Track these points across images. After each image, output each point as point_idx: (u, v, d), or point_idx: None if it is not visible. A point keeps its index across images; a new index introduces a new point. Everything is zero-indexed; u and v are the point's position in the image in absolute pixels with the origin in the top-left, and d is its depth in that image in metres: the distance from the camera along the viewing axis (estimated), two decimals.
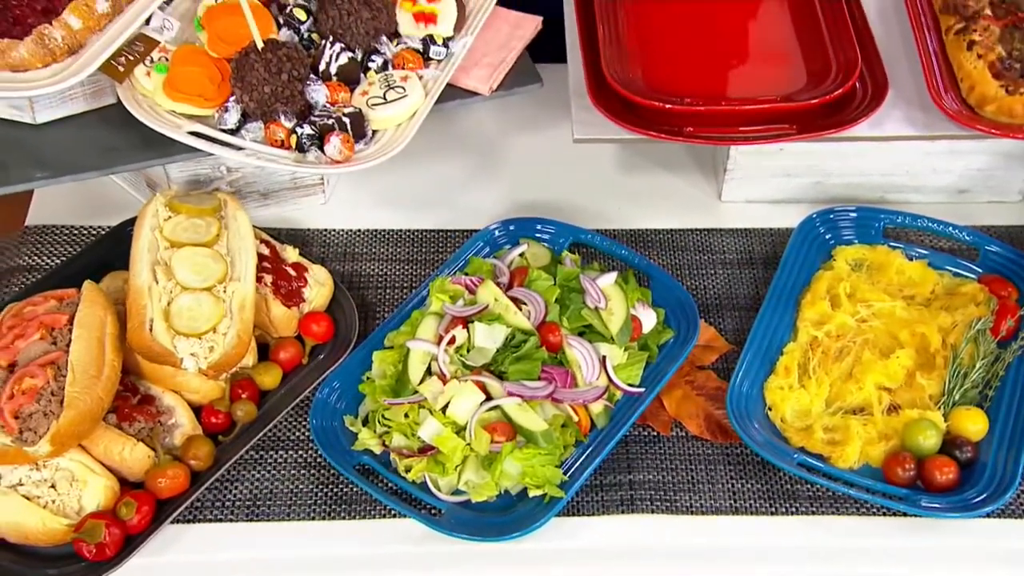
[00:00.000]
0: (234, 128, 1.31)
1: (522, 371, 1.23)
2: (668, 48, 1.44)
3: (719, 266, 1.45)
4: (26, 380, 1.10)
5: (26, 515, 1.08)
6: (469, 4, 1.47)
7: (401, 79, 1.36)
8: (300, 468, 1.23)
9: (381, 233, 1.47)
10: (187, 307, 1.21)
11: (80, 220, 1.46)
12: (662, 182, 1.55)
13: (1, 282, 1.38)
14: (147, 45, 1.34)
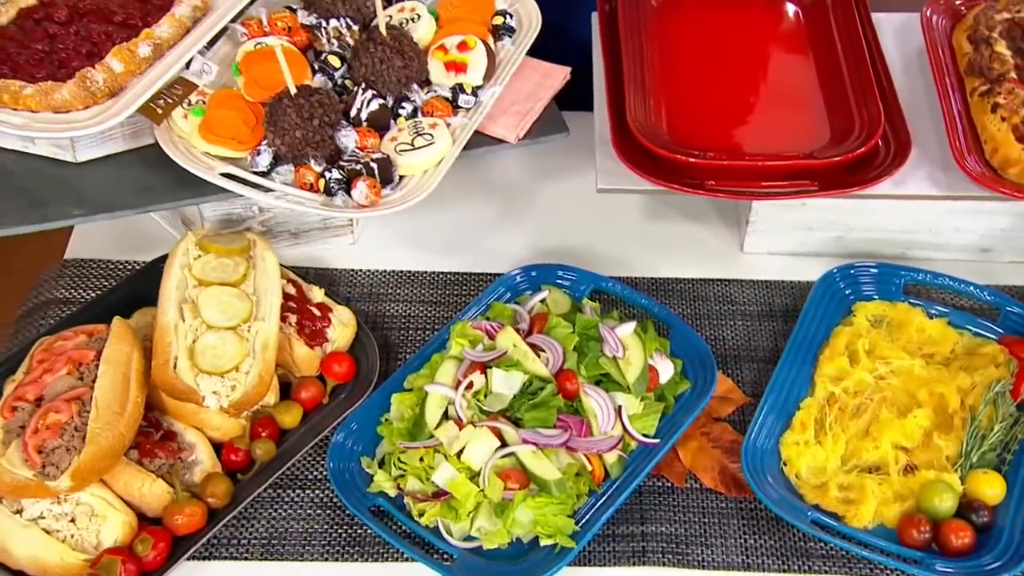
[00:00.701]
0: (265, 170, 1.30)
1: (538, 418, 1.20)
2: (693, 101, 1.41)
3: (739, 317, 1.41)
4: (51, 415, 1.09)
5: (45, 549, 1.06)
6: (499, 54, 1.45)
7: (430, 126, 1.34)
8: (316, 508, 1.20)
9: (407, 274, 1.45)
10: (211, 345, 1.19)
11: (117, 254, 1.45)
12: (685, 231, 1.52)
13: (38, 314, 1.38)
14: (186, 88, 1.33)
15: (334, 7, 1.44)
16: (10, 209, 1.27)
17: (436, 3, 1.50)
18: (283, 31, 1.43)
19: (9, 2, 1.38)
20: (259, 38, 1.41)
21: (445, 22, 1.47)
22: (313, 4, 1.45)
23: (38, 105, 1.26)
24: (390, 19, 1.45)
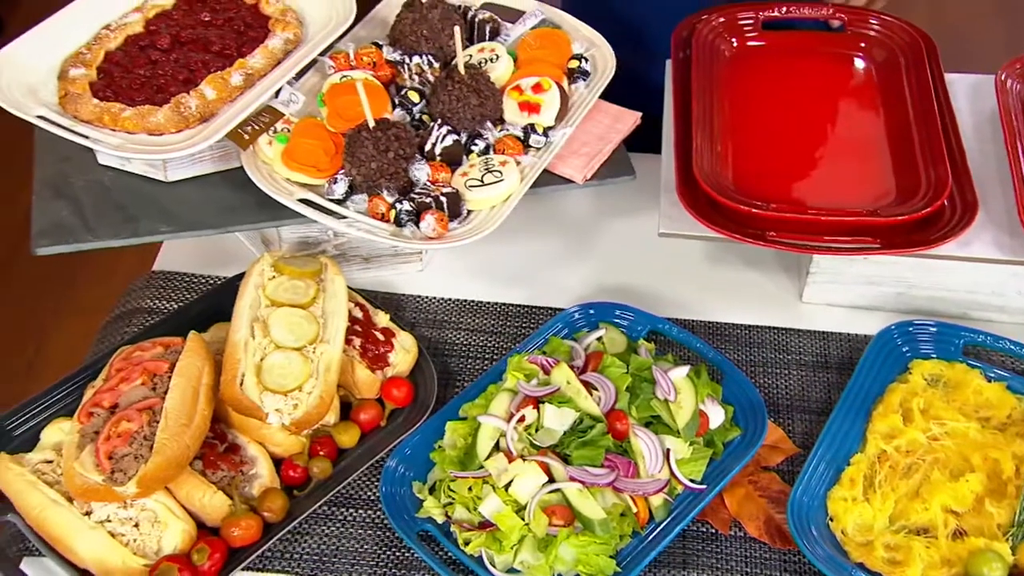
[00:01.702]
0: (341, 198, 1.29)
1: (586, 456, 1.16)
2: (760, 151, 1.36)
3: (794, 367, 1.35)
4: (123, 423, 1.09)
5: (110, 552, 1.06)
6: (572, 96, 1.42)
7: (500, 164, 1.31)
8: (367, 528, 1.18)
9: (470, 303, 1.42)
10: (277, 364, 1.18)
11: (201, 269, 1.46)
12: (744, 277, 1.46)
13: (124, 321, 1.39)
14: (272, 116, 1.33)
15: (418, 45, 1.43)
16: (105, 223, 1.28)
17: (515, 44, 1.48)
18: (368, 65, 1.42)
19: (119, 29, 1.40)
20: (345, 71, 1.41)
21: (523, 63, 1.44)
22: (398, 41, 1.44)
23: (135, 127, 1.27)
24: (470, 58, 1.43)
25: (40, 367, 2.54)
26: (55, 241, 1.26)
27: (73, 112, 1.29)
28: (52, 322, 2.65)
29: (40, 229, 1.27)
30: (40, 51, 1.34)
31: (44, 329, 2.64)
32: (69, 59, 1.35)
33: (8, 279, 2.75)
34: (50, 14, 1.37)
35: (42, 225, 1.27)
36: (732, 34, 1.48)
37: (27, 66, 1.32)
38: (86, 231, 1.27)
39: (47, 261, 1.44)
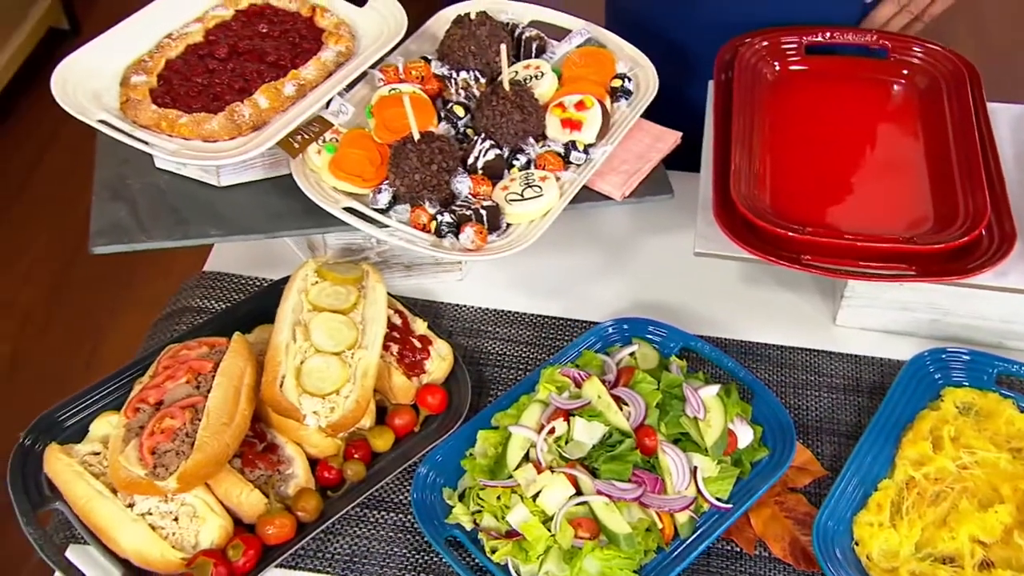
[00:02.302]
0: (384, 208, 1.28)
1: (614, 471, 1.14)
2: (798, 174, 1.33)
3: (824, 389, 1.32)
4: (166, 420, 1.09)
5: (149, 544, 1.07)
6: (614, 115, 1.40)
7: (540, 179, 1.30)
8: (398, 531, 1.17)
9: (507, 314, 1.41)
10: (316, 368, 1.18)
11: (250, 270, 1.46)
12: (779, 298, 1.43)
13: (174, 319, 1.40)
14: (322, 126, 1.33)
15: (465, 60, 1.42)
16: (159, 224, 1.29)
17: (561, 62, 1.47)
18: (416, 79, 1.42)
19: (181, 38, 1.41)
20: (394, 84, 1.40)
21: (567, 81, 1.43)
22: (446, 56, 1.44)
23: (190, 133, 1.28)
24: (515, 74, 1.42)
25: (97, 364, 2.58)
26: (111, 241, 1.27)
27: (133, 117, 1.30)
28: (109, 320, 2.69)
29: (98, 229, 1.28)
30: (105, 58, 1.36)
31: (102, 326, 2.68)
32: (132, 66, 1.36)
33: (69, 279, 2.80)
34: (121, 20, 1.39)
35: (100, 225, 1.28)
36: (775, 58, 1.45)
37: (92, 72, 1.34)
38: (141, 232, 1.28)
39: (106, 260, 1.46)
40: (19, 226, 2.93)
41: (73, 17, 3.50)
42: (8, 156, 3.08)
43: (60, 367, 2.59)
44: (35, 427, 1.17)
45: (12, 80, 3.10)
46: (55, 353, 2.62)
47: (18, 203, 2.98)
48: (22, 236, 2.90)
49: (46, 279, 2.80)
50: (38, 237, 2.90)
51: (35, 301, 2.74)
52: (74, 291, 2.74)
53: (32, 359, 2.61)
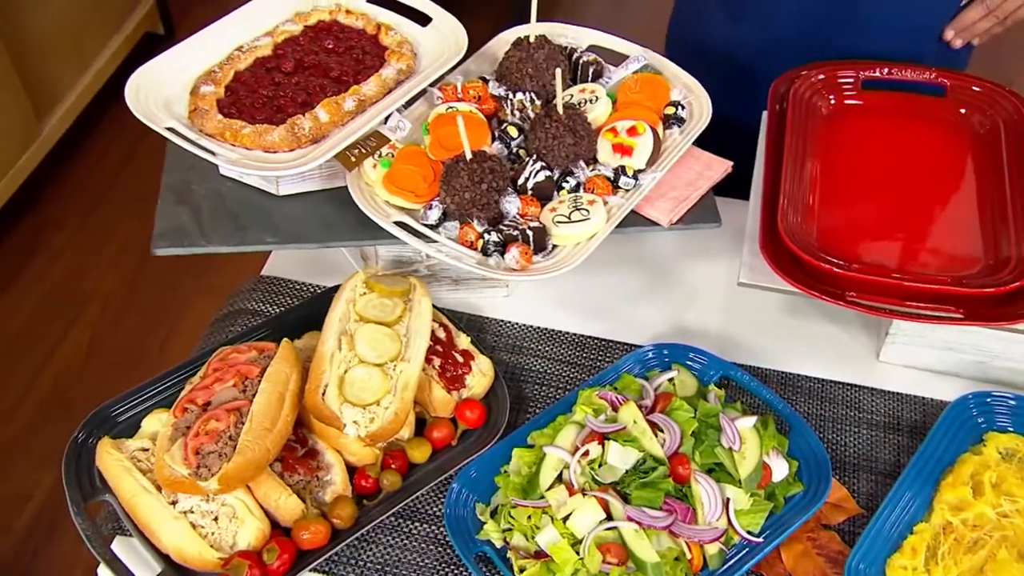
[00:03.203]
0: (434, 224, 1.25)
1: (645, 497, 1.09)
2: (847, 209, 1.26)
3: (864, 426, 1.25)
4: (211, 422, 1.07)
5: (189, 541, 1.05)
6: (666, 141, 1.35)
7: (588, 202, 1.25)
8: (430, 543, 1.14)
9: (549, 332, 1.37)
10: (359, 378, 1.15)
11: (304, 277, 1.44)
12: (822, 331, 1.36)
13: (229, 320, 1.38)
14: (379, 141, 1.31)
15: (522, 82, 1.38)
16: (218, 230, 1.28)
17: (616, 87, 1.41)
18: (474, 99, 1.38)
19: (250, 51, 1.39)
20: (452, 102, 1.37)
21: (621, 106, 1.38)
22: (504, 77, 1.40)
23: (252, 144, 1.26)
24: (571, 98, 1.38)
25: (169, 352, 2.60)
26: (172, 244, 1.26)
27: (199, 126, 1.28)
28: (183, 309, 2.70)
29: (160, 231, 1.27)
30: (177, 68, 1.35)
31: (175, 316, 2.69)
32: (202, 76, 1.35)
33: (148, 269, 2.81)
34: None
35: (162, 228, 1.27)
36: (830, 91, 1.38)
37: (164, 81, 1.33)
38: (200, 236, 1.27)
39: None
40: (108, 218, 2.98)
41: (169, 23, 3.55)
42: (103, 151, 3.14)
43: (134, 354, 2.61)
44: (90, 421, 1.16)
45: (109, 80, 3.15)
46: (130, 340, 2.65)
47: (109, 196, 3.03)
48: (110, 227, 2.94)
49: (127, 269, 2.83)
50: (124, 228, 2.94)
51: (115, 290, 2.77)
52: (151, 281, 2.77)
53: (108, 346, 2.64)
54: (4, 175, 2.77)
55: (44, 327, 2.67)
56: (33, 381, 2.56)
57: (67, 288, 2.77)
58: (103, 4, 3.20)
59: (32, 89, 2.83)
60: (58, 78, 2.98)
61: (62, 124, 2.99)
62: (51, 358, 2.61)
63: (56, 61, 2.96)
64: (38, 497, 2.29)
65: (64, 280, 2.80)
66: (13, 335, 2.66)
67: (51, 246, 2.88)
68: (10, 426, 2.44)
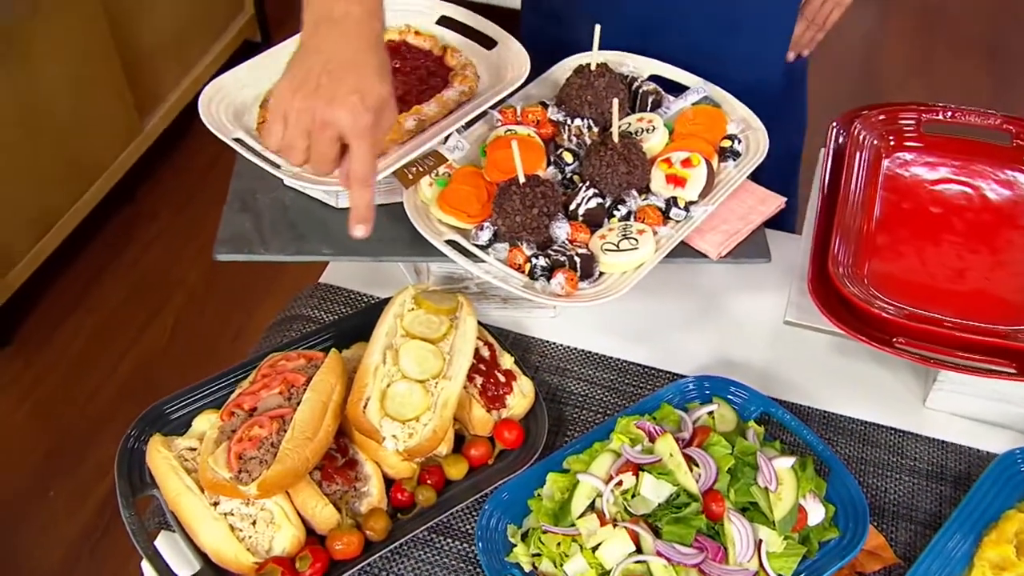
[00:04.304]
0: (484, 245, 1.19)
1: (676, 533, 1.01)
2: (901, 255, 1.17)
3: (906, 472, 1.15)
4: (255, 428, 1.03)
5: (226, 543, 1.01)
6: (720, 174, 1.27)
7: (638, 231, 1.18)
8: (460, 560, 1.08)
9: (593, 355, 1.30)
10: (400, 393, 1.09)
11: (359, 286, 1.40)
12: (868, 372, 1.26)
13: (286, 325, 1.35)
14: (437, 160, 1.25)
15: (581, 108, 1.31)
16: (277, 238, 1.24)
17: (674, 118, 1.34)
18: (532, 122, 1.32)
19: None
20: (511, 125, 1.31)
21: (678, 137, 1.30)
22: (564, 103, 1.33)
23: None
24: (628, 126, 1.31)
25: (241, 343, 2.59)
26: (233, 250, 1.23)
27: None
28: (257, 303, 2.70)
29: (223, 237, 1.24)
30: (250, 80, 1.32)
31: (249, 308, 2.69)
32: (271, 90, 1.32)
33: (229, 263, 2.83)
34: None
35: (225, 234, 1.24)
36: (891, 132, 1.28)
37: (237, 93, 1.30)
38: (260, 244, 1.23)
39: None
40: (197, 213, 3.00)
41: (266, 31, 3.57)
42: (197, 151, 3.16)
43: (209, 342, 2.62)
44: (144, 418, 1.13)
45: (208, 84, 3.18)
46: (207, 329, 2.66)
47: (199, 193, 3.05)
48: (198, 222, 2.96)
49: (210, 262, 2.84)
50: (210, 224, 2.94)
51: (198, 281, 2.78)
52: (230, 276, 2.77)
53: (188, 332, 2.65)
54: (106, 169, 2.81)
55: (133, 311, 2.70)
56: (120, 360, 2.58)
57: (156, 276, 2.80)
58: (207, 13, 3.23)
59: (137, 90, 2.87)
60: (161, 80, 3.02)
61: (162, 123, 3.02)
62: (138, 340, 2.64)
63: (161, 64, 3.00)
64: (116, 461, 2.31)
65: (153, 268, 2.82)
66: (107, 316, 2.69)
67: (144, 237, 2.91)
68: (96, 402, 2.47)
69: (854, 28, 3.75)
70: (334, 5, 0.99)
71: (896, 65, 3.63)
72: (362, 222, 1.02)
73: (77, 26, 2.58)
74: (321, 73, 0.96)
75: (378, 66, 0.99)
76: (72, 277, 2.76)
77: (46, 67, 2.51)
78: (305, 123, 0.97)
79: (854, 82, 3.51)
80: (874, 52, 3.71)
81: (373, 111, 0.97)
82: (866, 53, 3.70)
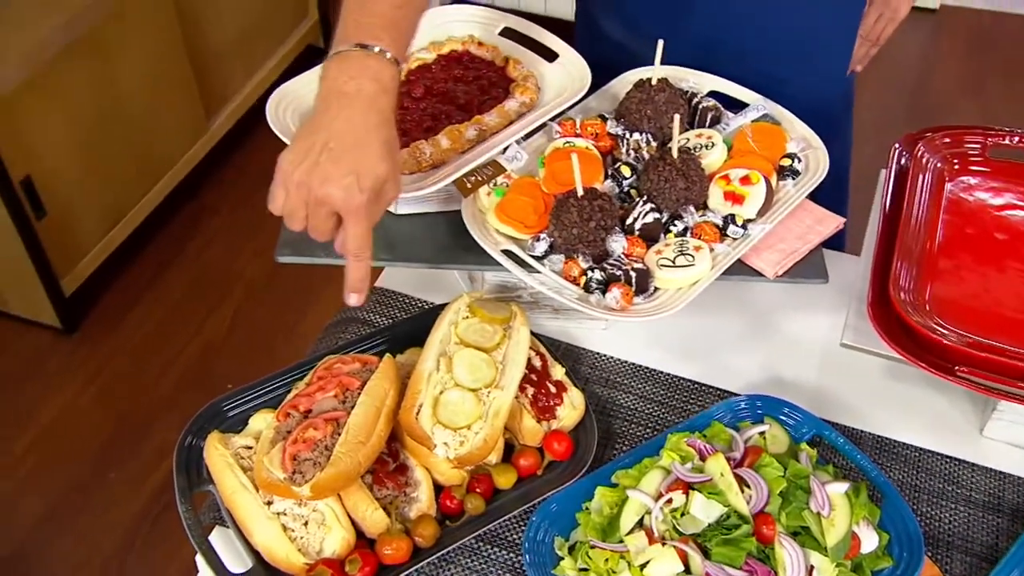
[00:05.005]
0: (540, 256, 1.16)
1: (726, 555, 0.97)
2: (963, 281, 1.11)
3: (961, 503, 1.09)
4: (310, 430, 1.01)
5: (278, 543, 0.99)
6: (778, 193, 1.21)
7: (694, 248, 1.14)
8: (507, 569, 1.05)
9: (643, 369, 1.25)
10: (453, 401, 1.07)
11: (414, 291, 1.37)
12: (924, 398, 1.20)
13: (341, 327, 1.33)
14: (495, 170, 1.22)
15: (640, 123, 1.27)
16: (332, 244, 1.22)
17: (733, 135, 1.29)
18: (591, 135, 1.28)
19: None
20: (570, 138, 1.28)
21: (736, 154, 1.26)
22: (623, 117, 1.29)
23: None
24: (687, 142, 1.26)
25: (296, 337, 2.59)
26: (294, 253, 1.21)
27: None
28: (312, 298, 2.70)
29: (284, 240, 1.22)
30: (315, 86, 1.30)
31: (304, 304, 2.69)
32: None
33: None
34: None
35: (286, 237, 1.22)
36: (955, 156, 1.22)
37: (303, 99, 1.28)
38: (320, 248, 1.20)
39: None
40: (257, 210, 2.99)
41: (329, 37, 3.58)
42: (259, 150, 3.18)
43: (266, 336, 2.63)
44: (203, 414, 1.12)
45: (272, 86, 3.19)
46: (265, 323, 2.66)
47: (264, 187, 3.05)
48: (258, 218, 2.97)
49: (269, 258, 2.84)
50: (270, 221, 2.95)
51: (257, 276, 2.79)
52: (288, 272, 2.78)
53: (246, 326, 2.66)
54: (174, 165, 2.84)
55: (194, 303, 2.72)
56: (182, 349, 2.60)
57: (217, 269, 2.82)
58: (273, 18, 3.25)
59: (205, 91, 2.89)
60: (227, 82, 3.04)
61: (227, 123, 3.05)
62: (198, 331, 2.65)
63: (227, 67, 3.02)
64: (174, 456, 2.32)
65: (215, 262, 2.84)
66: (169, 307, 2.71)
67: (207, 231, 2.93)
68: (156, 390, 2.49)
69: (904, 47, 3.65)
70: (348, 80, 0.98)
71: (948, 85, 3.52)
72: (355, 292, 1.00)
73: (153, 29, 2.61)
74: (322, 150, 0.95)
75: (381, 146, 0.97)
76: (138, 269, 2.79)
77: (124, 68, 2.54)
78: (303, 196, 0.97)
79: (904, 101, 3.41)
80: (925, 71, 3.60)
81: (368, 191, 0.95)
82: (917, 72, 3.59)
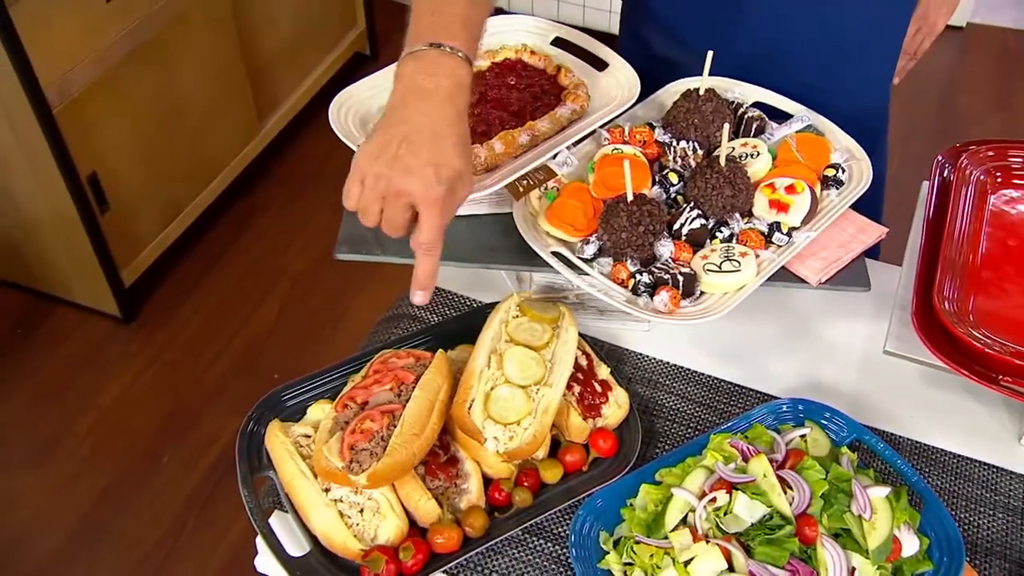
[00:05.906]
0: (589, 259, 1.15)
1: (768, 554, 0.95)
2: (1008, 292, 1.08)
3: (1000, 510, 1.06)
4: (367, 422, 1.01)
5: (335, 529, 0.98)
6: (822, 202, 1.19)
7: (740, 254, 1.12)
8: (552, 561, 1.03)
9: (685, 371, 1.24)
10: (503, 397, 1.06)
11: (463, 290, 1.36)
12: (963, 405, 1.17)
13: (392, 323, 1.32)
14: (547, 175, 1.21)
15: (687, 131, 1.25)
16: (393, 242, 1.18)
17: (778, 144, 1.27)
18: (639, 143, 1.27)
19: None
20: (618, 144, 1.26)
21: (781, 163, 1.23)
22: (670, 125, 1.28)
23: None
24: (732, 150, 1.24)
25: (341, 331, 2.59)
26: (352, 250, 1.21)
27: None
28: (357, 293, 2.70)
29: (342, 238, 1.22)
30: (375, 91, 1.30)
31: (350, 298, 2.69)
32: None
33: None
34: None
35: (344, 235, 1.22)
36: (999, 169, 1.19)
37: (364, 102, 1.28)
38: (377, 246, 1.21)
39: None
40: (306, 207, 3.02)
41: (375, 45, 3.58)
42: (308, 151, 3.20)
43: (312, 328, 2.63)
44: (264, 403, 1.12)
45: (320, 91, 3.21)
46: (310, 316, 2.67)
47: (307, 190, 3.08)
48: (306, 215, 2.98)
49: (315, 253, 2.86)
50: (317, 218, 2.97)
51: (304, 270, 2.81)
52: (333, 267, 2.79)
53: (292, 317, 2.67)
54: (227, 164, 2.86)
55: (245, 294, 2.74)
56: (232, 338, 2.62)
57: (266, 263, 2.83)
58: (323, 26, 3.27)
59: (258, 95, 2.91)
60: (279, 86, 3.06)
61: (278, 125, 3.06)
62: (248, 321, 2.67)
63: (279, 72, 3.03)
64: (223, 440, 2.34)
65: (264, 256, 2.86)
66: (222, 297, 2.73)
67: (256, 226, 2.95)
68: (209, 376, 2.51)
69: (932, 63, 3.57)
70: (425, 77, 0.96)
71: (974, 100, 3.44)
72: (421, 289, 0.99)
73: (212, 36, 2.63)
74: (401, 143, 0.93)
75: (458, 140, 0.95)
76: (192, 262, 2.81)
77: (184, 73, 2.56)
78: (380, 189, 0.95)
79: (931, 115, 3.34)
80: (951, 86, 3.53)
81: (447, 183, 0.94)
82: (943, 87, 3.52)
